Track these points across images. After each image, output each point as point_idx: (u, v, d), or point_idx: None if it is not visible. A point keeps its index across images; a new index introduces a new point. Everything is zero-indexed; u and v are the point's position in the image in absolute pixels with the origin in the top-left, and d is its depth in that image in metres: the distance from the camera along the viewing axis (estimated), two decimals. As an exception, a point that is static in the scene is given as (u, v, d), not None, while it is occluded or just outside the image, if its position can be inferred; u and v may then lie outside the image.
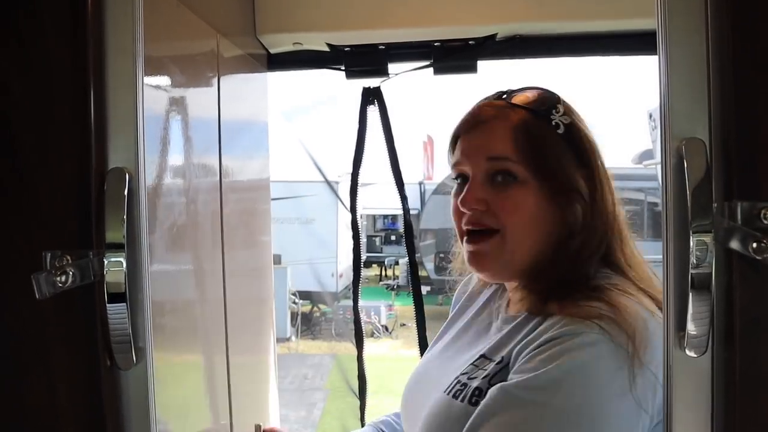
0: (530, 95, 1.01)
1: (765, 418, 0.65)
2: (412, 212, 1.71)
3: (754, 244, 0.62)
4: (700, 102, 0.67)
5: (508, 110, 0.99)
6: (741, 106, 0.65)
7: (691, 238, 0.66)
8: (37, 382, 0.69)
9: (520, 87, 1.03)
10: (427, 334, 1.65)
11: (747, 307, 0.65)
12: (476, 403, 0.89)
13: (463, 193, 0.98)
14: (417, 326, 1.64)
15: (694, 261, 0.66)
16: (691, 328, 0.66)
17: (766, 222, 0.63)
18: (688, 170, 0.66)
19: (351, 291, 1.66)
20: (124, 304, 0.69)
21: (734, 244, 0.64)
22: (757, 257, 0.61)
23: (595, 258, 0.95)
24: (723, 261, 0.66)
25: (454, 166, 1.02)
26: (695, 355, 0.67)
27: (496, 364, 0.93)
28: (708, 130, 0.67)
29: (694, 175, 0.66)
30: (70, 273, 0.66)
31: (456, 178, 1.02)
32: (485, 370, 0.93)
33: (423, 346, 1.60)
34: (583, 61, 1.54)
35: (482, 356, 0.97)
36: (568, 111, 1.00)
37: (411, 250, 1.68)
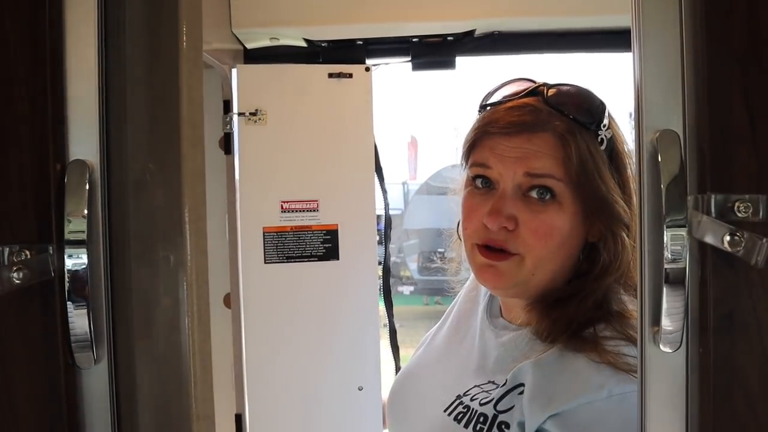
0: (577, 100, 0.88)
1: (739, 413, 0.64)
2: (395, 212, 1.69)
3: (728, 237, 0.61)
4: (674, 93, 0.66)
5: (553, 117, 0.86)
6: (714, 98, 0.64)
7: (665, 232, 0.65)
8: (-6, 381, 0.66)
9: (560, 83, 0.91)
10: (409, 333, 1.64)
11: (721, 301, 0.64)
12: (480, 431, 0.84)
13: (491, 205, 0.86)
14: (389, 334, 1.63)
15: (668, 255, 0.65)
16: (665, 323, 0.65)
17: (739, 215, 0.62)
18: (662, 162, 0.65)
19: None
20: (85, 300, 0.67)
21: (708, 238, 0.63)
22: (731, 250, 0.60)
23: (620, 284, 0.89)
24: (697, 255, 0.65)
25: (477, 165, 0.90)
26: (670, 351, 0.66)
27: (500, 386, 0.86)
28: (682, 122, 0.66)
29: (668, 167, 0.65)
30: (27, 269, 0.63)
31: (474, 178, 0.91)
32: (489, 393, 0.87)
33: (395, 349, 1.59)
34: (564, 58, 1.54)
35: (485, 377, 0.91)
36: (612, 124, 0.90)
37: (386, 255, 1.65)
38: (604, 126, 0.87)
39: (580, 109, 0.87)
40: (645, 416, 0.68)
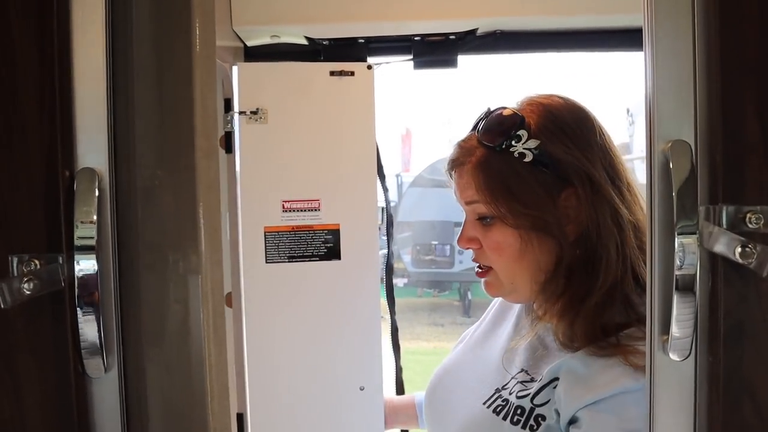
0: (492, 126, 0.95)
1: (748, 422, 0.64)
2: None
3: (739, 249, 0.61)
4: (686, 104, 0.66)
5: (475, 148, 0.96)
6: (727, 109, 0.64)
7: (675, 240, 0.65)
8: (4, 391, 0.66)
9: (493, 111, 0.98)
10: (403, 325, 1.64)
11: (731, 311, 0.64)
12: (517, 423, 0.89)
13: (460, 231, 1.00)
14: (391, 331, 1.63)
15: (679, 263, 0.65)
16: (674, 331, 0.66)
17: (751, 226, 0.62)
18: (674, 172, 0.65)
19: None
20: (95, 309, 0.66)
21: (719, 249, 0.63)
22: (743, 262, 0.61)
23: (625, 281, 0.90)
24: (707, 264, 0.65)
25: None
26: (678, 359, 0.67)
27: (537, 381, 0.91)
28: (694, 133, 0.66)
29: (679, 177, 0.65)
30: (37, 279, 0.63)
31: None
32: (525, 386, 0.92)
33: (396, 347, 1.60)
34: (566, 57, 1.54)
35: (522, 371, 0.95)
36: (540, 132, 0.92)
37: (389, 252, 1.65)
38: (519, 140, 0.91)
39: (487, 134, 0.95)
40: (653, 424, 0.68)
